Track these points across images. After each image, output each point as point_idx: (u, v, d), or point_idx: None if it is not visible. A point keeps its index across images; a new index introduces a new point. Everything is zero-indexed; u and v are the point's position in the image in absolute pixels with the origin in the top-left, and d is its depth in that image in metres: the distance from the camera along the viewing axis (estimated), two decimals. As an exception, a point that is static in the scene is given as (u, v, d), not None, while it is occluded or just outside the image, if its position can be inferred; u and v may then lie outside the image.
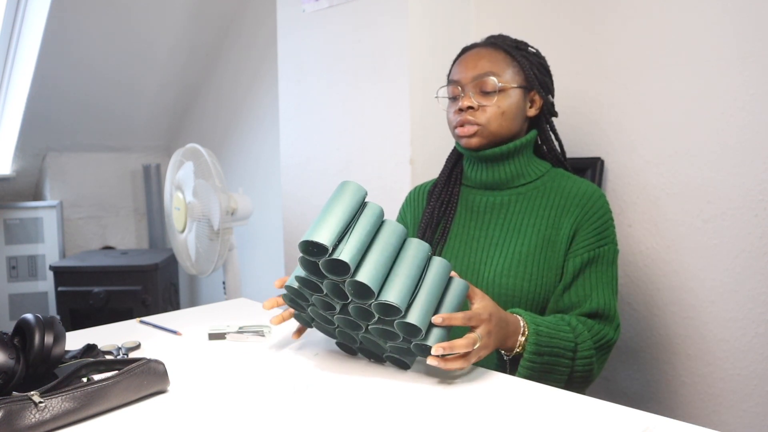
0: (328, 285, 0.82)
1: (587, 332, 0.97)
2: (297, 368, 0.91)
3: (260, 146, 2.67)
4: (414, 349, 0.84)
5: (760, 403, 1.25)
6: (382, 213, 0.85)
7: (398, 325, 0.80)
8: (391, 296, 0.78)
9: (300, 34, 1.85)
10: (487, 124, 1.09)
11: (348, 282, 0.79)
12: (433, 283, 0.83)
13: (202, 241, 2.04)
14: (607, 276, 1.04)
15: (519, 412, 0.73)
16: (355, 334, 0.88)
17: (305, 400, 0.78)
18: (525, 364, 0.91)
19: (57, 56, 2.48)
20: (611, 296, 1.03)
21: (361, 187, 0.84)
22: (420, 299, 0.81)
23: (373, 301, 0.79)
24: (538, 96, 1.13)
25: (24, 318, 0.78)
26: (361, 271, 0.78)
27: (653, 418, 0.70)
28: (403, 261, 0.82)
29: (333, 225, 0.79)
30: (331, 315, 0.86)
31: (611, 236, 1.06)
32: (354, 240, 0.79)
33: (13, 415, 0.65)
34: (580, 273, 1.03)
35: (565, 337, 0.94)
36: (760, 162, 1.22)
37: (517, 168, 1.12)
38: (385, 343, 0.85)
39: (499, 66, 1.10)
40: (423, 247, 0.85)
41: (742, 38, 1.22)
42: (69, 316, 2.45)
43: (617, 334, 1.02)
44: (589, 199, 1.07)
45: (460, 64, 1.13)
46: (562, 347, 0.93)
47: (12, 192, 2.93)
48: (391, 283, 0.80)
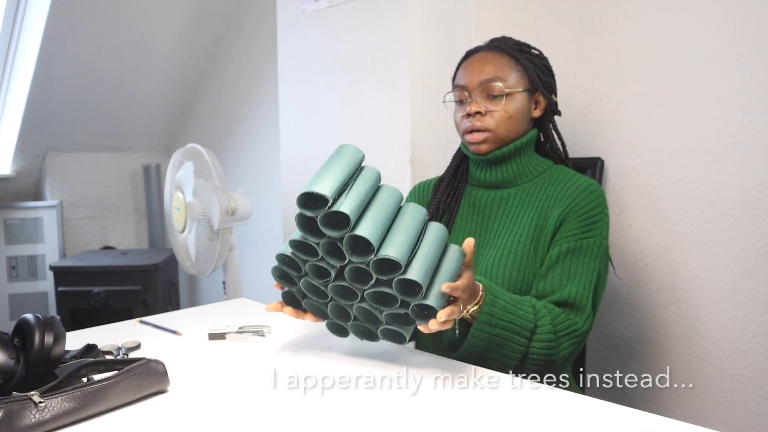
0: (324, 245, 0.80)
1: (549, 317, 0.97)
2: (297, 368, 0.91)
3: (260, 146, 2.67)
4: (413, 313, 0.82)
5: (760, 403, 1.25)
6: (379, 176, 0.85)
7: (397, 284, 0.78)
8: (391, 251, 0.76)
9: (300, 34, 1.85)
10: (496, 129, 1.10)
11: (347, 238, 0.77)
12: (432, 244, 0.82)
13: (202, 241, 2.04)
14: (587, 268, 1.03)
15: (519, 412, 0.73)
16: (349, 307, 0.86)
17: (305, 401, 0.78)
18: (475, 332, 0.92)
19: (57, 56, 2.48)
20: (587, 288, 1.02)
21: (359, 150, 0.84)
22: (419, 258, 0.79)
23: (372, 258, 0.77)
24: (542, 97, 1.15)
25: (24, 318, 0.78)
26: (360, 225, 0.77)
27: (653, 418, 0.70)
28: (401, 221, 0.82)
29: (333, 179, 0.78)
30: (325, 285, 0.84)
31: (600, 230, 1.05)
32: (354, 195, 0.78)
33: (13, 415, 0.65)
34: (558, 261, 1.03)
35: (524, 316, 0.94)
36: (760, 162, 1.22)
37: (519, 167, 1.14)
38: (381, 312, 0.84)
39: (505, 70, 1.11)
40: (420, 211, 0.84)
41: (742, 38, 1.22)
42: (69, 316, 2.45)
43: (587, 324, 1.01)
44: (582, 191, 1.07)
45: (466, 68, 1.14)
46: (518, 324, 0.93)
47: (12, 192, 2.93)
48: (389, 240, 0.78)
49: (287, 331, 1.10)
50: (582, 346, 1.05)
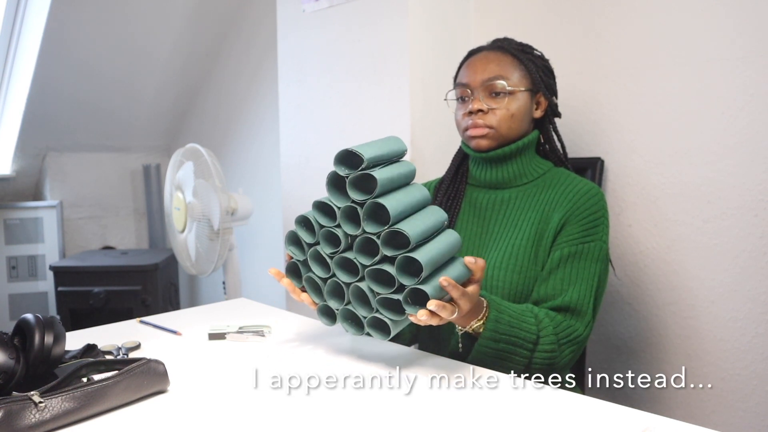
0: (344, 210, 0.84)
1: (551, 326, 0.98)
2: (297, 368, 0.91)
3: (260, 146, 2.67)
4: (405, 299, 0.82)
5: (760, 403, 1.25)
6: (414, 171, 0.90)
7: (400, 261, 0.80)
8: (405, 227, 0.80)
9: (300, 34, 1.85)
10: (498, 126, 1.10)
11: (368, 204, 0.81)
12: (443, 243, 0.84)
13: (202, 241, 2.04)
14: (588, 272, 1.03)
15: (519, 412, 0.73)
16: (346, 286, 0.87)
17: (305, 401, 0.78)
18: (479, 347, 0.93)
19: (57, 56, 2.48)
20: (588, 293, 1.02)
21: (404, 143, 0.90)
22: (428, 247, 0.82)
23: (387, 228, 0.80)
24: (543, 98, 1.15)
25: (24, 318, 0.78)
26: (383, 197, 0.81)
27: (653, 418, 0.70)
28: (422, 213, 0.86)
29: (374, 151, 0.83)
30: (331, 256, 0.87)
31: (600, 234, 1.06)
32: (387, 171, 0.83)
33: (13, 415, 0.65)
34: (560, 266, 1.03)
35: (527, 328, 0.95)
36: (760, 162, 1.22)
37: (519, 167, 1.14)
38: (375, 296, 0.84)
39: (507, 69, 1.12)
40: (442, 214, 0.88)
41: (742, 38, 1.22)
42: (69, 316, 2.45)
43: (587, 330, 1.02)
44: (583, 195, 1.07)
45: (468, 67, 1.15)
46: (522, 338, 0.94)
47: (12, 192, 2.93)
48: (407, 221, 0.82)
49: (287, 331, 1.10)
50: (582, 351, 1.05)
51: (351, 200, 0.83)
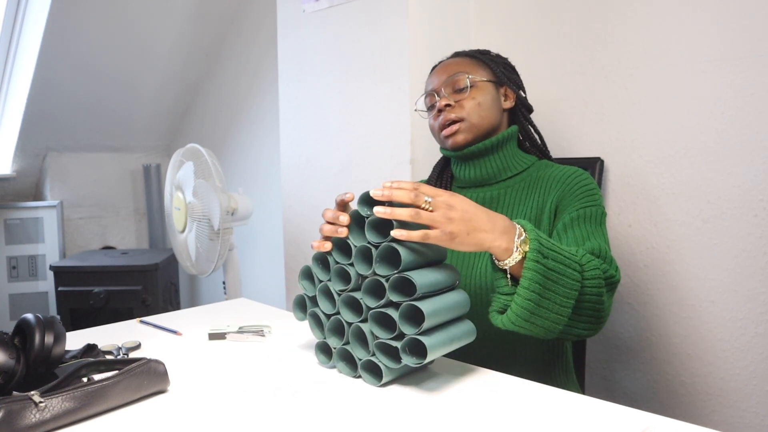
0: (359, 250, 0.84)
1: (588, 255, 0.90)
2: (297, 368, 0.91)
3: (260, 146, 2.67)
4: (403, 349, 0.81)
5: (760, 403, 1.25)
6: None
7: (404, 309, 0.80)
8: (415, 275, 0.79)
9: (300, 34, 1.85)
10: (468, 116, 1.12)
11: (382, 246, 0.81)
12: (450, 299, 0.84)
13: (202, 241, 2.04)
14: (597, 231, 1.01)
15: (519, 412, 0.73)
16: (347, 326, 0.87)
17: (304, 401, 0.78)
18: (530, 264, 0.80)
19: (57, 56, 2.48)
20: (605, 245, 0.98)
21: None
22: (434, 300, 0.82)
23: (395, 273, 0.80)
24: (510, 90, 1.18)
25: (24, 318, 0.78)
26: (400, 245, 0.80)
27: (653, 418, 0.70)
28: (435, 267, 0.85)
29: None
30: (339, 293, 0.87)
31: (598, 200, 1.05)
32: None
33: (13, 415, 0.65)
34: (570, 227, 1.01)
35: (568, 249, 0.86)
36: (760, 162, 1.22)
37: (502, 161, 1.15)
38: (373, 339, 0.84)
39: (467, 66, 1.16)
40: (455, 271, 0.87)
41: (742, 38, 1.22)
42: (69, 316, 2.45)
43: (618, 274, 0.95)
44: (570, 176, 1.08)
45: (432, 76, 1.20)
46: (568, 257, 0.84)
47: (12, 192, 2.93)
48: (418, 270, 0.82)
49: (287, 331, 1.10)
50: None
51: (367, 241, 0.83)
